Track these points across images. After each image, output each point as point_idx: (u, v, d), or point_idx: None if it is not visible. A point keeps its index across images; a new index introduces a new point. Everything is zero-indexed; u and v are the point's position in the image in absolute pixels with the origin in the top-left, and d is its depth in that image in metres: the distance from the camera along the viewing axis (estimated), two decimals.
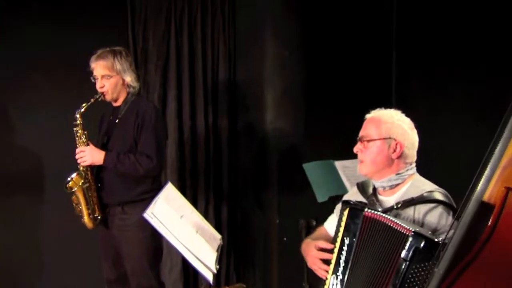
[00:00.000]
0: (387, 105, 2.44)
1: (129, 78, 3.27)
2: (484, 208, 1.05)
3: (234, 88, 4.79)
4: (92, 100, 3.21)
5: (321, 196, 4.12)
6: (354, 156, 4.32)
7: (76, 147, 3.22)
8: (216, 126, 4.74)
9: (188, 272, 4.70)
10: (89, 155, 3.13)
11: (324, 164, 4.33)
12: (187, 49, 4.46)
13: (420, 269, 1.87)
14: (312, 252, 2.35)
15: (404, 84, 5.08)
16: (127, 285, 3.50)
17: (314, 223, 4.60)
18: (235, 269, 4.83)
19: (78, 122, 3.19)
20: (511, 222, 1.00)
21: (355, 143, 2.45)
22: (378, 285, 2.02)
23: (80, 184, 3.16)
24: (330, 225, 2.57)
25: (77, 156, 3.17)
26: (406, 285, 1.90)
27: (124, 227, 3.28)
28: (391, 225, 2.04)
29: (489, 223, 1.01)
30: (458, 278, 0.99)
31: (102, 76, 3.19)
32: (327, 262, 2.27)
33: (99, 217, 3.30)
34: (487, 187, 1.06)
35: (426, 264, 1.82)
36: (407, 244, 1.93)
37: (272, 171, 4.59)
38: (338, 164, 4.38)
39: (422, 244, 1.89)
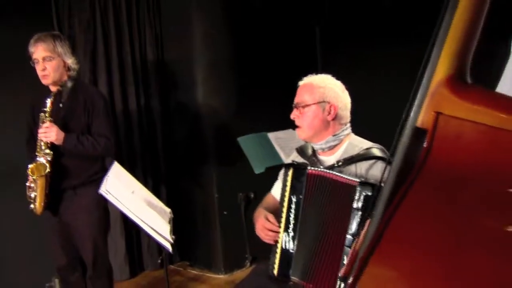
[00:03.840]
0: (314, 72, 2.53)
1: (70, 61, 3.24)
2: (418, 132, 1.14)
3: (163, 69, 4.81)
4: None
5: (257, 168, 4.23)
6: (286, 127, 4.52)
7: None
8: (148, 107, 4.76)
9: (133, 255, 4.75)
10: (54, 132, 3.07)
11: (258, 137, 4.45)
12: (114, 34, 4.44)
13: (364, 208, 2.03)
14: (261, 220, 2.41)
15: (328, 55, 5.27)
16: (78, 270, 3.53)
17: (252, 195, 4.75)
18: (177, 248, 4.87)
19: (48, 109, 3.11)
20: (444, 142, 1.10)
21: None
22: (334, 236, 2.14)
23: (45, 172, 3.11)
24: (277, 191, 2.64)
25: (41, 131, 3.09)
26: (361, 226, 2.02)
27: (77, 210, 3.28)
28: (336, 179, 2.17)
29: (425, 144, 1.11)
30: (403, 197, 1.07)
31: (44, 58, 3.13)
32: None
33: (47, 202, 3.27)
34: (419, 114, 1.15)
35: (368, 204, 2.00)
36: (356, 194, 2.07)
37: (208, 147, 4.66)
38: (271, 135, 4.51)
39: (370, 192, 2.04)
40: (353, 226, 2.07)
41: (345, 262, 2.05)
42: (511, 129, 1.03)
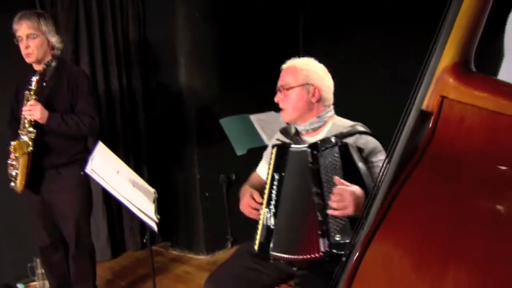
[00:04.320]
0: (295, 56, 2.56)
1: (54, 39, 3.23)
2: (424, 115, 1.21)
3: (146, 49, 4.79)
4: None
5: (239, 149, 4.27)
6: (268, 109, 4.55)
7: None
8: (130, 88, 4.74)
9: (115, 236, 4.76)
10: (39, 110, 3.05)
11: (240, 119, 4.49)
12: (97, 14, 4.39)
13: (329, 164, 2.19)
14: (246, 198, 2.44)
15: (310, 41, 5.29)
16: (60, 250, 3.54)
17: (234, 177, 4.78)
18: (159, 229, 4.87)
19: (33, 87, 3.10)
20: (448, 125, 1.16)
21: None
22: (307, 199, 2.23)
23: (28, 150, 3.10)
24: (261, 170, 2.71)
25: (26, 109, 3.07)
26: (326, 182, 2.18)
27: (60, 189, 3.29)
28: (303, 149, 2.29)
29: (430, 125, 1.17)
30: (409, 176, 1.13)
31: (28, 36, 3.11)
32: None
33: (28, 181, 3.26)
34: (424, 99, 1.22)
35: (331, 158, 2.18)
36: (309, 155, 2.24)
37: (190, 129, 4.66)
38: (253, 117, 4.55)
39: (319, 149, 2.23)
40: (314, 185, 2.21)
41: (320, 219, 2.16)
42: (508, 113, 1.10)
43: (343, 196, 2.06)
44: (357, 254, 1.06)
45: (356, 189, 2.09)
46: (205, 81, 4.66)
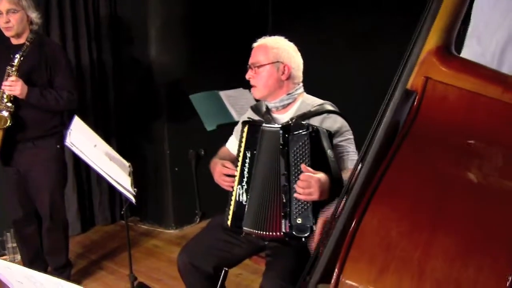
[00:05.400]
0: (265, 35, 2.62)
1: (33, 15, 3.25)
2: (408, 94, 1.30)
3: (117, 24, 4.76)
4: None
5: (209, 125, 4.30)
6: (236, 86, 4.60)
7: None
8: (101, 62, 4.71)
9: (85, 211, 4.77)
10: (19, 86, 3.06)
11: (210, 95, 4.51)
12: None
13: (298, 149, 2.25)
14: (218, 168, 2.50)
15: (279, 19, 5.35)
16: (33, 223, 3.56)
17: (203, 152, 4.84)
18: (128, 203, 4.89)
19: (16, 63, 3.11)
20: (431, 103, 1.26)
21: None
22: (276, 184, 2.31)
23: (6, 125, 3.12)
24: (231, 144, 2.76)
25: (7, 84, 3.08)
26: (293, 166, 2.25)
27: (35, 162, 3.31)
28: (276, 129, 2.34)
29: (415, 103, 1.27)
30: (397, 151, 1.22)
31: (8, 11, 3.12)
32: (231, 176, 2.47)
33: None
34: (409, 79, 1.31)
35: (301, 143, 2.23)
36: (280, 137, 2.28)
37: (160, 104, 4.70)
38: (223, 94, 4.58)
39: (291, 132, 2.27)
40: (282, 167, 2.28)
41: (284, 201, 2.25)
42: (485, 94, 1.23)
43: (310, 183, 2.14)
44: (351, 225, 1.14)
45: (322, 176, 2.17)
46: (175, 56, 4.69)
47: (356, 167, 1.37)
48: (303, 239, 2.20)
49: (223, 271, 1.86)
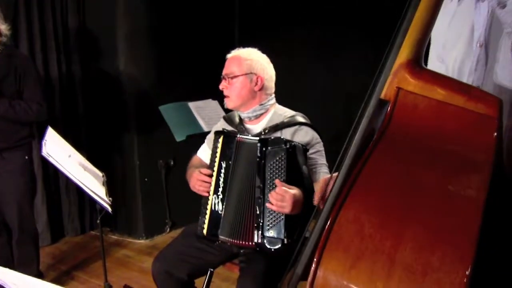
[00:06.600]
0: (232, 47, 2.70)
1: (2, 26, 3.27)
2: (382, 103, 1.43)
3: (85, 36, 4.78)
4: None
5: (179, 136, 4.36)
6: (205, 97, 4.67)
7: None
8: (70, 74, 4.72)
9: (54, 222, 4.75)
10: None
11: (179, 106, 4.58)
12: (36, 0, 4.36)
13: (275, 163, 2.31)
14: (195, 174, 2.53)
15: (246, 29, 5.47)
16: (2, 235, 3.56)
17: (172, 162, 4.89)
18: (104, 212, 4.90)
19: None
20: (403, 111, 1.40)
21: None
22: (251, 194, 2.38)
23: None
24: (204, 153, 2.82)
25: None
26: (269, 179, 2.31)
27: (3, 174, 3.32)
28: (254, 141, 2.41)
29: (388, 111, 1.40)
30: (371, 154, 1.34)
31: None
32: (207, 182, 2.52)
33: None
34: (383, 89, 1.44)
35: (278, 158, 2.30)
36: (258, 150, 2.35)
37: (129, 115, 4.73)
38: (192, 104, 4.65)
39: (268, 146, 2.33)
40: (258, 179, 2.35)
41: (258, 212, 2.32)
42: (451, 102, 1.38)
43: (284, 197, 2.21)
44: (329, 220, 1.25)
45: (296, 192, 2.25)
46: (144, 68, 4.73)
47: (336, 170, 1.48)
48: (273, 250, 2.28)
49: (209, 272, 1.92)
